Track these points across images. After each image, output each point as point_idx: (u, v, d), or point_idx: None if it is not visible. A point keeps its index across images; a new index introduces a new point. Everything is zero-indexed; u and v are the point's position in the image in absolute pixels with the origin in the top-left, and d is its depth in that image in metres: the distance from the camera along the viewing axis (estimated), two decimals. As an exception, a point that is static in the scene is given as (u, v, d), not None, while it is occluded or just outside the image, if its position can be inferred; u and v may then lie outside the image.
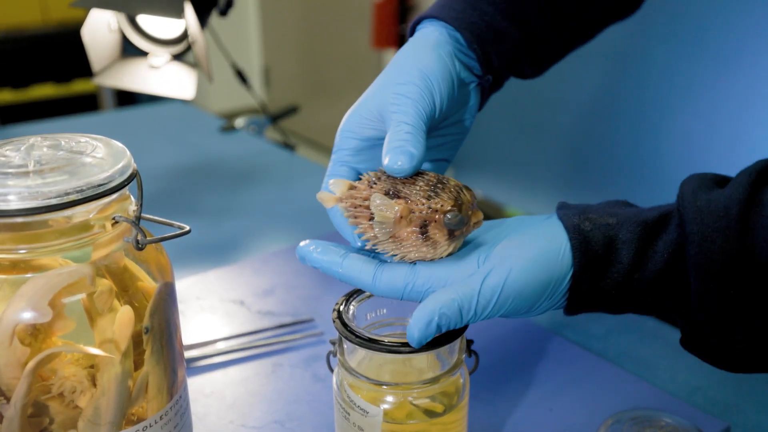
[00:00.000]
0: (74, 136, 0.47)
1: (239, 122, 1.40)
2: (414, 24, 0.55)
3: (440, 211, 0.42)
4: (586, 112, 1.63)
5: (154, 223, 0.50)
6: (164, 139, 1.34)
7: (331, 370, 0.53)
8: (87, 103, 3.00)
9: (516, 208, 1.61)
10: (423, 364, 0.51)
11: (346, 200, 0.46)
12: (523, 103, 1.69)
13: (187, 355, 0.69)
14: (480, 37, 0.53)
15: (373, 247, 0.45)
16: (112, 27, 0.89)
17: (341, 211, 0.47)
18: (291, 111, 1.56)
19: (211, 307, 0.78)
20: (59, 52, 2.91)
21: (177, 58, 0.91)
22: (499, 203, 1.63)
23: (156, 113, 1.51)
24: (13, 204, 0.40)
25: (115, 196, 0.43)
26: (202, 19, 0.87)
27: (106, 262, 0.44)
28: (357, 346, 0.48)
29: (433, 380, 0.48)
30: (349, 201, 0.46)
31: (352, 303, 0.51)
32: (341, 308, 0.50)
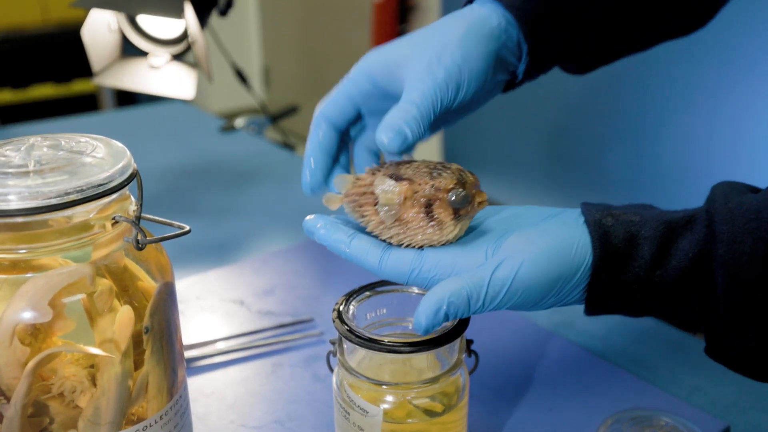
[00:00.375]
0: (74, 136, 0.47)
1: (239, 122, 1.40)
2: None
3: (444, 189, 0.42)
4: (586, 112, 1.63)
5: (154, 223, 0.50)
6: (164, 139, 1.34)
7: (331, 370, 0.53)
8: (87, 103, 3.00)
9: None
10: (423, 364, 0.51)
11: (350, 194, 0.46)
12: (523, 103, 1.69)
13: (187, 355, 0.69)
14: (536, 30, 0.51)
15: (378, 234, 0.44)
16: (112, 27, 0.89)
17: (346, 208, 0.46)
18: (291, 111, 1.56)
19: (211, 307, 0.78)
20: (59, 52, 2.91)
21: (177, 58, 0.91)
22: (497, 202, 1.63)
23: (156, 113, 1.51)
24: (13, 204, 0.40)
25: (115, 196, 0.43)
26: (202, 19, 0.87)
27: (106, 262, 0.44)
28: (357, 346, 0.48)
29: (433, 380, 0.48)
30: (353, 192, 0.45)
31: (352, 303, 0.51)
32: (341, 308, 0.50)
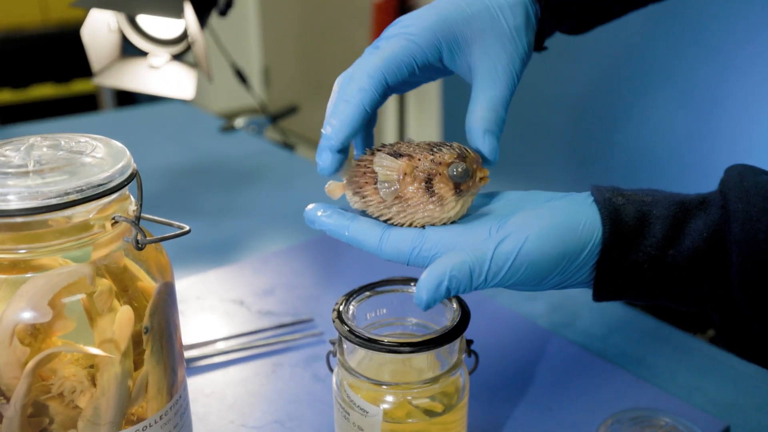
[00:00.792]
0: (74, 136, 0.47)
1: (239, 122, 1.40)
2: None
3: (444, 163, 0.42)
4: (586, 112, 1.63)
5: (153, 223, 0.50)
6: (164, 139, 1.34)
7: (331, 370, 0.53)
8: (87, 103, 3.00)
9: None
10: (423, 364, 0.51)
11: (351, 180, 0.45)
12: (523, 103, 1.69)
13: (187, 355, 0.69)
14: None
15: (379, 215, 0.44)
16: (111, 27, 0.89)
17: (348, 196, 0.45)
18: (291, 111, 1.56)
19: (211, 307, 0.78)
20: (59, 52, 2.91)
21: (177, 58, 0.91)
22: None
23: (156, 113, 1.51)
24: (13, 204, 0.40)
25: (115, 196, 0.43)
26: (202, 19, 0.87)
27: (106, 261, 0.44)
28: (357, 346, 0.48)
29: (433, 380, 0.48)
30: (354, 176, 0.45)
31: (352, 303, 0.51)
32: (341, 308, 0.50)
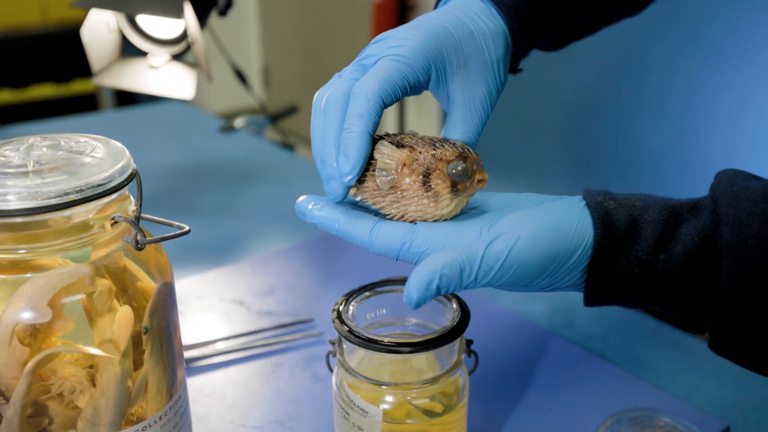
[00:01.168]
0: (74, 136, 0.47)
1: (239, 122, 1.40)
2: None
3: (444, 159, 0.41)
4: (586, 112, 1.63)
5: (153, 223, 0.50)
6: (164, 139, 1.34)
7: (331, 370, 0.53)
8: (86, 103, 3.00)
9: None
10: (422, 364, 0.51)
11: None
12: (522, 103, 1.69)
13: (187, 355, 0.69)
14: (523, 21, 0.51)
15: (373, 203, 0.43)
16: (111, 27, 0.89)
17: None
18: (290, 111, 1.56)
19: (211, 307, 0.78)
20: (59, 52, 2.91)
21: (176, 58, 0.91)
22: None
23: (155, 113, 1.51)
24: (13, 204, 0.40)
25: (115, 196, 0.43)
26: (202, 19, 0.87)
27: (106, 262, 0.44)
28: (356, 346, 0.48)
29: (433, 380, 0.48)
30: None
31: (352, 303, 0.51)
32: (341, 308, 0.50)
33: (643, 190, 0.45)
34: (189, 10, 0.82)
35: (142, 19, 0.89)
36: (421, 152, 0.42)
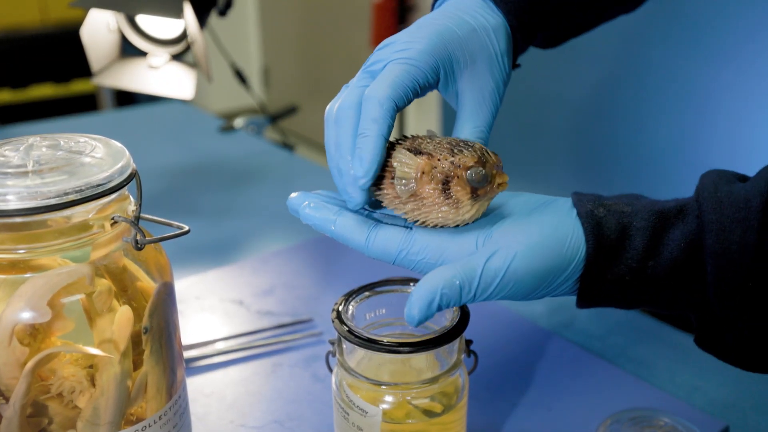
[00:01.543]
0: (73, 136, 0.47)
1: (238, 122, 1.40)
2: None
3: (463, 166, 0.41)
4: (586, 112, 1.63)
5: (153, 223, 0.50)
6: (163, 139, 1.34)
7: (330, 370, 0.53)
8: (86, 103, 3.00)
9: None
10: (422, 364, 0.51)
11: None
12: (524, 104, 1.69)
13: (187, 355, 0.69)
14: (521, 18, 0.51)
15: (393, 209, 0.43)
16: (111, 27, 0.89)
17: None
18: (290, 111, 1.56)
19: (211, 307, 0.78)
20: (58, 52, 2.91)
21: (176, 58, 0.91)
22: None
23: (155, 113, 1.51)
24: (13, 204, 0.40)
25: (114, 196, 0.43)
26: (202, 19, 0.87)
27: (105, 262, 0.44)
28: (356, 346, 0.48)
29: (432, 380, 0.48)
30: None
31: (352, 303, 0.51)
32: (340, 308, 0.50)
33: (644, 189, 0.45)
34: (189, 10, 0.82)
35: (142, 19, 0.89)
36: (439, 159, 0.42)
